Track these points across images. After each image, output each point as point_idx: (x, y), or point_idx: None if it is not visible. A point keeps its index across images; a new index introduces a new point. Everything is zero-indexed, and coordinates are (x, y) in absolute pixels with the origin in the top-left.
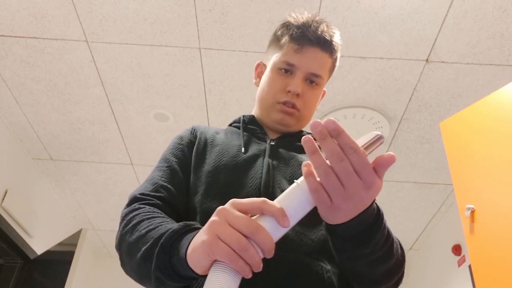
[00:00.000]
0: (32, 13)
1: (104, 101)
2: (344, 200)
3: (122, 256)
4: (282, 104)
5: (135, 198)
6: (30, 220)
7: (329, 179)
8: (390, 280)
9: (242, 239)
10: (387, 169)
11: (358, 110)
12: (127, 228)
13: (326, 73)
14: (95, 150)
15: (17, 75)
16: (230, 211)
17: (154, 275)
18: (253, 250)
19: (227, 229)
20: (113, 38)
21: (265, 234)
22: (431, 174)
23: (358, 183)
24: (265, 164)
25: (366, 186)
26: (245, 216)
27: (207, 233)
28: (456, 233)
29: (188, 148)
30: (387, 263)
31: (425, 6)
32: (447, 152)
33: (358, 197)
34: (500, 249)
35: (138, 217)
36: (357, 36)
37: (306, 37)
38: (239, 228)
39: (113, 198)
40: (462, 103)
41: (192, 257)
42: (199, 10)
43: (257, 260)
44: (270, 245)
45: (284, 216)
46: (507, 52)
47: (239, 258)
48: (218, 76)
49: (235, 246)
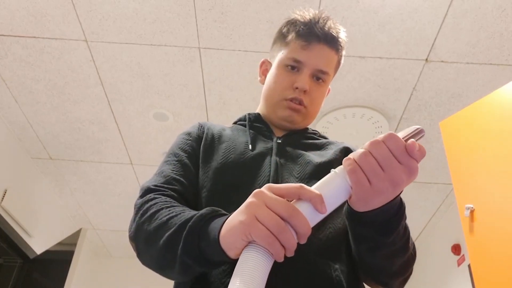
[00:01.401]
0: (31, 13)
1: (103, 101)
2: (383, 182)
3: (139, 246)
4: (289, 101)
5: (149, 189)
6: (30, 219)
7: (368, 160)
8: (405, 273)
9: (280, 222)
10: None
11: (358, 110)
12: (144, 218)
13: (332, 70)
14: (94, 150)
15: (17, 74)
16: (267, 193)
17: (181, 259)
18: (290, 233)
19: (265, 211)
20: (113, 38)
21: (302, 218)
22: (430, 174)
23: (398, 167)
24: (272, 163)
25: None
26: (282, 199)
27: (245, 213)
28: (456, 232)
29: (197, 143)
30: (404, 255)
31: (425, 5)
32: (447, 151)
33: (399, 180)
34: (499, 249)
35: (156, 206)
36: (356, 35)
37: (313, 34)
38: (277, 210)
39: (112, 198)
40: (461, 103)
41: (227, 238)
42: (198, 10)
43: (292, 243)
44: (306, 229)
45: (322, 202)
46: (506, 51)
47: (276, 240)
48: (217, 76)
49: (273, 228)
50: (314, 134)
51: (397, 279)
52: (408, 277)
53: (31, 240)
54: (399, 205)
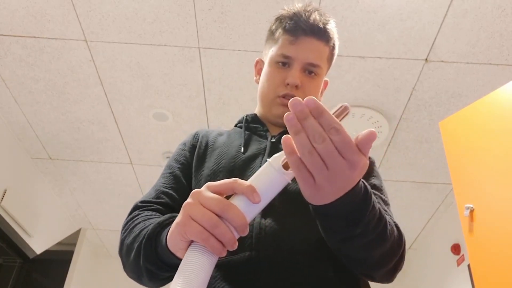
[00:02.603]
0: (31, 13)
1: (103, 101)
2: (328, 180)
3: (122, 259)
4: (282, 98)
5: (136, 206)
6: (29, 219)
7: (313, 159)
8: (387, 263)
9: (212, 217)
10: (371, 145)
11: (357, 110)
12: (125, 233)
13: (324, 62)
14: (94, 150)
15: (16, 74)
16: (203, 192)
17: (144, 266)
18: (224, 227)
19: (199, 209)
20: (113, 38)
21: (236, 211)
22: (430, 174)
23: (342, 163)
24: (263, 164)
25: (350, 165)
26: (216, 196)
27: (181, 214)
28: (455, 232)
29: (191, 153)
30: (382, 246)
31: (425, 5)
32: (446, 151)
33: (343, 177)
34: (499, 248)
35: (136, 221)
36: (356, 35)
37: (299, 28)
38: (210, 207)
39: (112, 198)
40: (461, 103)
41: (171, 241)
42: (198, 10)
43: (228, 237)
44: (241, 222)
45: (254, 192)
46: (506, 51)
47: (210, 236)
48: (217, 76)
49: (205, 223)
50: None
51: (380, 270)
52: (394, 268)
53: (31, 240)
54: (363, 195)
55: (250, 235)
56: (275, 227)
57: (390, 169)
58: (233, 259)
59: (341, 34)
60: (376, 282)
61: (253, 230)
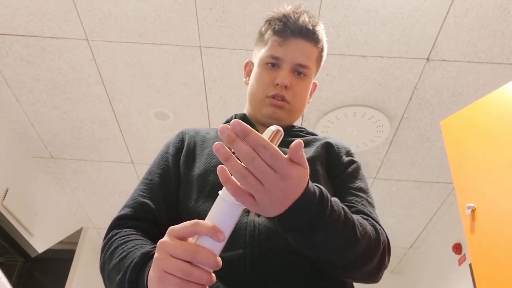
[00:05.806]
0: (32, 12)
1: (104, 100)
2: (266, 196)
3: (105, 281)
4: (272, 98)
5: (113, 225)
6: (31, 218)
7: (248, 181)
8: (365, 265)
9: (184, 267)
10: (301, 153)
11: (359, 109)
12: (106, 257)
13: (313, 63)
14: (95, 149)
15: (18, 73)
16: (168, 243)
17: None
18: (198, 272)
19: (170, 262)
20: (114, 37)
21: (205, 253)
22: (431, 173)
23: (274, 177)
24: None
25: (283, 178)
26: (182, 243)
27: (154, 270)
28: (457, 231)
29: (174, 157)
30: (355, 248)
31: (426, 4)
32: (448, 150)
33: (278, 190)
34: (500, 248)
35: (114, 243)
36: (357, 34)
37: (288, 29)
38: (179, 256)
39: (113, 197)
40: (462, 102)
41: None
42: (199, 9)
43: (206, 278)
44: (212, 261)
45: (217, 232)
46: (507, 50)
47: (190, 283)
48: (218, 75)
49: (180, 275)
50: (301, 131)
51: (357, 272)
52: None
53: (32, 239)
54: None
55: (243, 232)
56: (268, 225)
57: (392, 168)
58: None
59: (342, 33)
60: (360, 283)
61: (246, 227)
